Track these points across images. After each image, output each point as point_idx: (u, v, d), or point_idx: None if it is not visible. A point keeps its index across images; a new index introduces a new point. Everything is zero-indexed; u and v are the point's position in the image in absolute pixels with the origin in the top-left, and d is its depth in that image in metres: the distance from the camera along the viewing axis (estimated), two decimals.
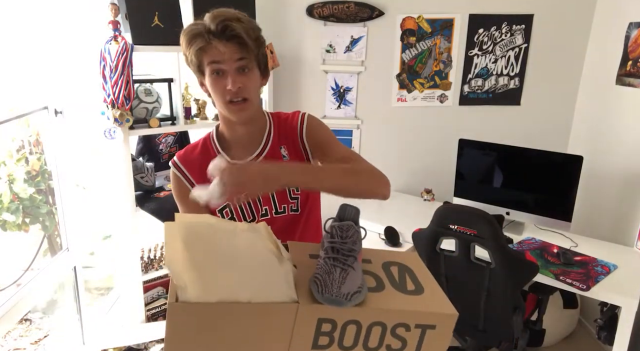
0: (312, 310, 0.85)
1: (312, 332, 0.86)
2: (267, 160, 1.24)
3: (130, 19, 2.20)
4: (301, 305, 0.84)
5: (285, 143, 1.27)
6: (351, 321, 0.86)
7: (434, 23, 2.90)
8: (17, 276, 2.42)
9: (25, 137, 2.58)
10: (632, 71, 2.49)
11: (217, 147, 1.27)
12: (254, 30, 1.14)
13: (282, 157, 1.25)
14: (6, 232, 2.61)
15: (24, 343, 2.61)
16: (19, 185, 2.57)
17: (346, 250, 0.93)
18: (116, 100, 2.13)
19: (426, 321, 0.88)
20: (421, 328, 0.88)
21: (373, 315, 0.87)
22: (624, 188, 2.59)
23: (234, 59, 1.11)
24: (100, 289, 2.96)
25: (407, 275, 0.99)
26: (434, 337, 0.89)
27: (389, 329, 0.87)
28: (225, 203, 1.21)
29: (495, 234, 1.87)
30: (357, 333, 0.87)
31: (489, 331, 2.09)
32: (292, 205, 1.26)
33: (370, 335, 0.87)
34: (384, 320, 0.87)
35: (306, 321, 0.85)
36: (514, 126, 3.09)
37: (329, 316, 0.85)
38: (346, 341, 0.87)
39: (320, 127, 1.29)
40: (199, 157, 1.28)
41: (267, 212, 1.25)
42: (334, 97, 3.02)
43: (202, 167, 1.24)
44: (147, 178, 2.47)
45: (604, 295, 1.96)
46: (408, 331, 0.88)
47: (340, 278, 0.87)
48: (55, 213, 2.38)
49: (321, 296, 0.85)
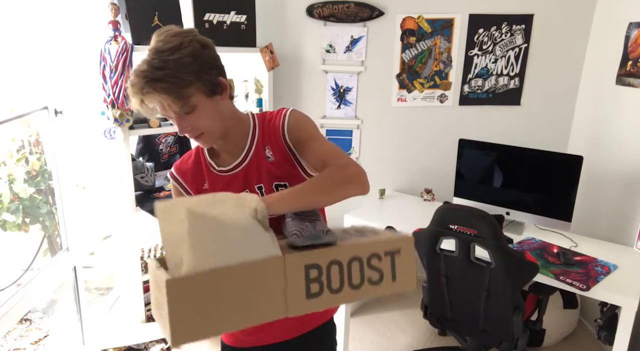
0: (297, 257, 0.94)
1: (302, 280, 0.94)
2: (252, 162, 1.24)
3: (130, 19, 2.20)
4: (287, 255, 0.93)
5: (269, 143, 1.25)
6: (333, 262, 0.97)
7: (434, 23, 2.90)
8: (17, 276, 2.42)
9: (25, 137, 2.58)
10: (632, 71, 2.50)
11: (206, 157, 1.28)
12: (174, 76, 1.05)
13: (266, 158, 1.24)
14: (6, 232, 2.61)
15: (24, 343, 2.61)
16: (19, 185, 2.57)
17: (308, 213, 1.06)
18: (116, 100, 2.13)
19: (392, 248, 1.03)
20: (390, 255, 1.02)
21: (349, 251, 0.99)
22: (624, 188, 2.59)
23: (168, 110, 1.09)
24: (100, 289, 2.96)
25: (364, 231, 1.15)
26: (402, 261, 1.04)
27: (365, 262, 1.00)
28: None
29: (495, 234, 1.87)
30: (341, 273, 0.98)
31: (489, 331, 2.09)
32: None
33: (352, 272, 0.99)
34: (359, 253, 0.99)
35: (295, 269, 0.93)
36: (514, 126, 3.10)
37: (314, 261, 0.95)
38: (334, 283, 0.97)
39: (301, 124, 1.25)
40: (192, 166, 1.30)
41: None
42: (334, 97, 3.02)
43: (195, 176, 1.28)
44: (147, 178, 2.47)
45: (604, 295, 1.96)
46: (380, 261, 1.01)
47: (313, 225, 1.02)
48: (55, 213, 2.38)
49: (302, 238, 0.96)
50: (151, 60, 1.05)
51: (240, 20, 2.56)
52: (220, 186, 1.25)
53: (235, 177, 1.24)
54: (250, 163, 1.24)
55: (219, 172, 1.26)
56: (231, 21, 2.54)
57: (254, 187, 1.24)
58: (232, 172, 1.25)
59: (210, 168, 1.27)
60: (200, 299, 0.85)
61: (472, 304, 2.05)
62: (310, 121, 1.27)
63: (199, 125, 1.13)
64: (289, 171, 1.25)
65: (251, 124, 1.27)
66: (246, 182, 1.24)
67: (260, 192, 1.24)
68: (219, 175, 1.25)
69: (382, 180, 3.10)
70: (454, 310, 2.14)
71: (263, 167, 1.24)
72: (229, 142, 1.24)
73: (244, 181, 1.24)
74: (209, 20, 2.48)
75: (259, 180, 1.24)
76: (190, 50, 1.08)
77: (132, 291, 2.53)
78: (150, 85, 1.04)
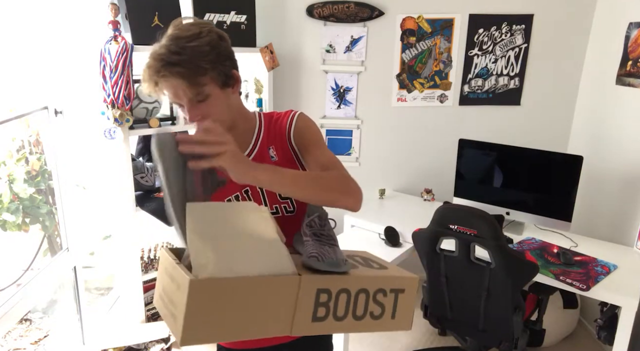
0: (312, 281, 0.96)
1: (312, 302, 0.96)
2: (255, 160, 1.22)
3: (130, 19, 2.20)
4: (303, 275, 0.95)
5: (274, 143, 1.26)
6: (343, 290, 0.99)
7: (434, 23, 2.90)
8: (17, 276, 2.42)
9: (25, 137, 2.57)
10: (632, 71, 2.50)
11: None
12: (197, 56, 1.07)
13: (270, 158, 1.24)
14: (6, 232, 2.61)
15: (24, 343, 2.61)
16: (19, 185, 2.57)
17: (326, 235, 1.08)
18: (116, 100, 2.13)
19: (398, 286, 1.06)
20: (395, 293, 1.05)
21: (360, 282, 1.01)
22: (624, 188, 2.59)
23: (181, 97, 1.09)
24: (100, 289, 2.96)
25: (370, 260, 1.18)
26: (404, 300, 1.06)
27: (371, 295, 1.02)
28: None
29: (495, 234, 1.87)
30: (347, 302, 1.00)
31: (489, 331, 2.09)
32: (285, 206, 1.25)
33: (358, 303, 1.01)
34: (367, 286, 1.01)
35: (307, 291, 0.95)
36: (514, 126, 3.10)
37: (326, 286, 0.97)
38: (339, 311, 0.99)
39: (308, 129, 1.26)
40: None
41: None
42: (334, 97, 3.02)
43: None
44: (147, 178, 2.47)
45: (604, 295, 1.97)
46: (385, 297, 1.04)
47: (332, 250, 1.03)
48: (55, 213, 2.38)
49: (324, 263, 0.97)
50: (169, 45, 1.06)
51: (240, 20, 2.56)
52: None
53: None
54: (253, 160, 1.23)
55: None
56: (231, 21, 2.54)
57: (254, 186, 1.23)
58: None
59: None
60: (217, 304, 0.87)
61: (472, 304, 2.05)
62: (317, 127, 1.28)
63: (209, 115, 1.13)
64: None
65: (257, 123, 1.27)
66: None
67: (262, 191, 1.24)
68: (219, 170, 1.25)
69: (382, 180, 3.10)
70: (454, 310, 2.14)
71: None
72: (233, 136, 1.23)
73: None
74: (209, 20, 2.48)
75: None
76: (208, 40, 1.09)
77: (132, 291, 2.53)
78: (167, 68, 1.04)
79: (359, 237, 2.57)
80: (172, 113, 2.48)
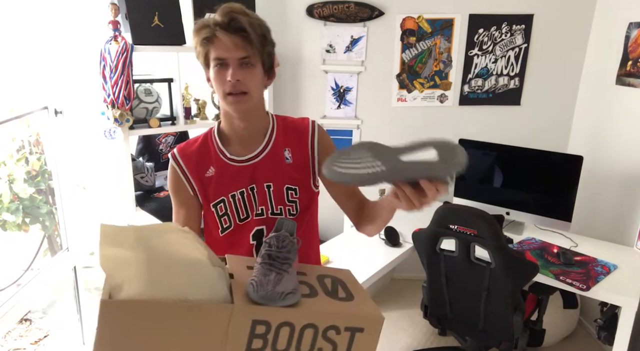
0: (247, 311, 0.86)
1: (246, 334, 0.86)
2: (266, 159, 1.24)
3: (130, 19, 2.20)
4: (236, 305, 0.86)
5: (291, 146, 1.26)
6: (285, 324, 0.88)
7: (434, 23, 2.90)
8: (17, 276, 2.42)
9: (25, 137, 2.58)
10: (632, 71, 2.49)
11: (217, 142, 1.26)
12: (261, 27, 1.15)
13: (284, 159, 1.25)
14: (6, 232, 2.61)
15: (24, 343, 2.61)
16: (19, 185, 2.57)
17: (282, 258, 0.98)
18: (116, 100, 2.13)
19: (355, 324, 0.92)
20: (350, 331, 0.92)
21: (306, 317, 0.89)
22: (624, 188, 2.59)
23: (236, 51, 1.12)
24: (100, 289, 2.96)
25: (340, 286, 1.04)
26: (363, 341, 0.93)
27: (320, 332, 0.90)
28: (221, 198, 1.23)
29: (495, 234, 1.87)
30: (290, 336, 0.89)
31: (489, 331, 2.09)
32: (289, 208, 1.26)
33: (303, 338, 0.89)
34: (316, 322, 0.89)
35: (241, 322, 0.85)
36: (514, 126, 3.10)
37: (264, 318, 0.86)
38: (279, 344, 0.89)
39: (329, 139, 1.31)
40: (197, 150, 1.28)
41: (263, 211, 1.24)
42: (334, 97, 3.02)
43: (199, 161, 1.26)
44: (147, 178, 2.47)
45: (604, 295, 1.96)
46: (338, 335, 0.91)
47: (275, 280, 0.91)
48: (55, 213, 2.38)
49: (256, 294, 0.88)
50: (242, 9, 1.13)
51: None
52: (227, 174, 1.24)
53: (244, 170, 1.23)
54: (264, 159, 1.24)
55: (229, 160, 1.24)
56: None
57: (262, 184, 1.24)
58: (243, 164, 1.24)
59: (220, 154, 1.25)
60: (134, 328, 0.80)
61: (472, 304, 2.05)
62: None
63: (247, 83, 1.14)
64: (303, 176, 1.26)
65: (270, 122, 1.28)
66: (254, 177, 1.23)
67: (268, 190, 1.24)
68: (228, 163, 1.24)
69: None
70: (454, 310, 2.14)
71: (280, 167, 1.24)
72: (247, 129, 1.24)
73: (253, 176, 1.23)
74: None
75: (269, 178, 1.23)
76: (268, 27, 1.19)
77: None
78: (237, 23, 1.10)
79: (359, 237, 2.57)
80: (172, 114, 2.48)
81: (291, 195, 1.25)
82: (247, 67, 1.13)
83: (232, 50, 1.11)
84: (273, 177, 1.23)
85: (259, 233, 1.25)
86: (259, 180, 1.23)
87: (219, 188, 1.24)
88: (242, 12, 1.13)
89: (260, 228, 1.24)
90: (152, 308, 0.80)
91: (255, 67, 1.15)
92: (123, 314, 0.79)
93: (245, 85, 1.14)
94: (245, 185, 1.23)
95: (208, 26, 1.12)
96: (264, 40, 1.16)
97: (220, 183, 1.23)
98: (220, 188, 1.24)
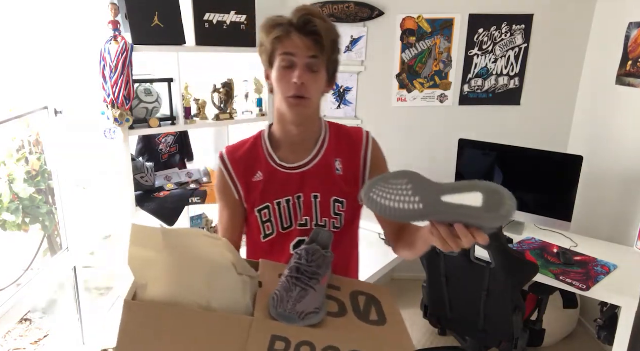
0: (266, 325, 0.84)
1: (265, 348, 0.84)
2: (317, 168, 1.21)
3: (130, 19, 2.20)
4: (256, 319, 0.84)
5: (342, 157, 1.23)
6: (305, 343, 0.84)
7: (434, 23, 2.90)
8: (17, 276, 2.42)
9: (25, 137, 2.58)
10: (632, 71, 2.49)
11: (268, 147, 1.23)
12: (333, 33, 1.14)
13: (334, 170, 1.22)
14: (6, 232, 2.61)
15: (24, 343, 2.61)
16: (19, 185, 2.57)
17: (310, 272, 0.95)
18: (116, 100, 2.13)
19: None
20: None
21: (328, 339, 0.85)
22: (624, 188, 2.59)
23: (307, 54, 1.10)
24: (100, 289, 2.96)
25: (373, 306, 0.99)
26: None
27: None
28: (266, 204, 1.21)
29: (495, 234, 1.87)
30: None
31: (489, 331, 2.08)
32: (334, 221, 1.23)
33: None
34: (338, 345, 0.85)
35: (260, 336, 0.83)
36: (514, 126, 3.10)
37: (283, 334, 0.84)
38: None
39: (382, 153, 1.29)
40: (246, 154, 1.24)
41: (307, 222, 1.22)
42: (334, 97, 3.02)
43: (247, 165, 1.22)
44: (147, 178, 2.47)
45: (604, 295, 1.96)
46: None
47: (298, 297, 0.88)
48: (55, 213, 2.38)
49: (275, 310, 0.86)
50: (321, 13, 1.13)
51: (240, 20, 2.56)
52: (276, 180, 1.21)
53: (292, 177, 1.21)
54: (314, 169, 1.21)
55: (279, 166, 1.22)
56: (231, 21, 2.54)
57: (309, 194, 1.21)
58: (293, 171, 1.21)
59: (269, 159, 1.23)
60: (153, 328, 0.81)
61: (472, 304, 2.05)
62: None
63: (309, 89, 1.12)
64: (352, 190, 1.23)
65: (323, 129, 1.26)
66: (302, 186, 1.21)
67: (315, 201, 1.21)
68: (277, 168, 1.22)
69: None
70: (454, 310, 2.14)
71: (329, 177, 1.21)
72: (301, 135, 1.21)
73: (301, 184, 1.21)
74: (208, 20, 2.48)
75: (317, 189, 1.21)
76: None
77: None
78: (316, 25, 1.08)
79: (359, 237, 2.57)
80: (172, 114, 2.48)
81: (338, 207, 1.22)
82: (314, 71, 1.12)
83: (303, 53, 1.10)
84: (321, 188, 1.21)
85: (300, 244, 1.21)
86: (307, 190, 1.21)
87: (265, 194, 1.21)
88: (319, 15, 1.12)
89: (302, 239, 1.22)
90: (173, 312, 0.81)
91: (320, 73, 1.13)
92: (144, 314, 0.80)
93: (308, 91, 1.12)
94: (292, 194, 1.21)
95: (281, 25, 1.12)
96: (334, 47, 1.15)
97: (267, 189, 1.21)
98: (267, 194, 1.21)
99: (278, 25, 1.12)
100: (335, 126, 1.28)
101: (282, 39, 1.11)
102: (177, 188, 2.54)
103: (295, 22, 1.10)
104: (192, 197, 2.49)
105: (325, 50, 1.11)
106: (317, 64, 1.11)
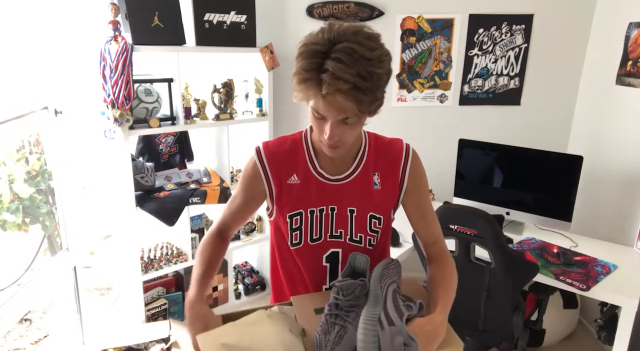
0: None
1: None
2: (355, 182, 1.17)
3: (130, 19, 2.20)
4: None
5: (380, 170, 1.19)
6: None
7: (434, 23, 2.90)
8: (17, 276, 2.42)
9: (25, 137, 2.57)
10: (632, 71, 2.50)
11: (310, 151, 1.19)
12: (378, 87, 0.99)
13: (372, 185, 1.18)
14: (6, 232, 2.61)
15: (24, 343, 2.61)
16: (19, 185, 2.57)
17: (347, 306, 0.96)
18: (116, 100, 2.13)
19: None
20: None
21: None
22: (624, 188, 2.59)
23: (337, 117, 1.00)
24: (100, 289, 2.96)
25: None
26: None
27: None
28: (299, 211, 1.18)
29: (495, 234, 1.87)
30: None
31: (489, 331, 2.08)
32: (370, 239, 1.20)
33: None
34: None
35: None
36: (514, 126, 3.10)
37: None
38: None
39: (422, 169, 1.22)
40: (285, 154, 1.19)
41: (342, 235, 1.19)
42: None
43: (285, 166, 1.18)
44: (147, 178, 2.47)
45: (604, 295, 1.96)
46: None
47: (336, 338, 0.89)
48: (55, 213, 2.38)
49: None
50: (359, 68, 0.94)
51: (240, 20, 2.56)
52: (312, 188, 1.17)
53: (329, 187, 1.17)
54: (352, 182, 1.18)
55: (318, 174, 1.18)
56: (231, 21, 2.54)
57: (345, 208, 1.18)
58: (331, 182, 1.17)
59: (309, 164, 1.18)
60: None
61: (472, 304, 2.05)
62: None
63: (345, 138, 1.05)
64: (388, 205, 1.21)
65: (363, 141, 1.21)
66: (338, 199, 1.17)
67: (351, 215, 1.18)
68: (316, 176, 1.18)
69: None
70: (454, 309, 2.13)
71: (366, 192, 1.17)
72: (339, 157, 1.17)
73: (337, 196, 1.17)
74: (209, 20, 2.48)
75: (354, 202, 1.17)
76: (388, 66, 1.02)
77: (132, 291, 2.53)
78: (351, 92, 0.94)
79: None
80: (172, 114, 2.48)
81: (374, 224, 1.20)
82: (348, 123, 1.02)
83: (332, 112, 0.99)
84: (358, 202, 1.17)
85: (333, 256, 1.20)
86: (343, 202, 1.17)
87: (299, 200, 1.17)
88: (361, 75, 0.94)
89: (335, 251, 1.20)
90: None
91: (356, 123, 1.04)
92: None
93: (342, 141, 1.05)
94: (326, 204, 1.17)
95: (311, 80, 0.99)
96: (378, 99, 1.00)
97: (301, 195, 1.17)
98: (301, 200, 1.17)
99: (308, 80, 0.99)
100: (374, 137, 1.23)
101: (310, 97, 1.01)
102: (177, 188, 2.54)
103: (331, 87, 0.94)
104: (192, 197, 2.49)
105: (365, 109, 0.99)
106: (354, 119, 1.01)
